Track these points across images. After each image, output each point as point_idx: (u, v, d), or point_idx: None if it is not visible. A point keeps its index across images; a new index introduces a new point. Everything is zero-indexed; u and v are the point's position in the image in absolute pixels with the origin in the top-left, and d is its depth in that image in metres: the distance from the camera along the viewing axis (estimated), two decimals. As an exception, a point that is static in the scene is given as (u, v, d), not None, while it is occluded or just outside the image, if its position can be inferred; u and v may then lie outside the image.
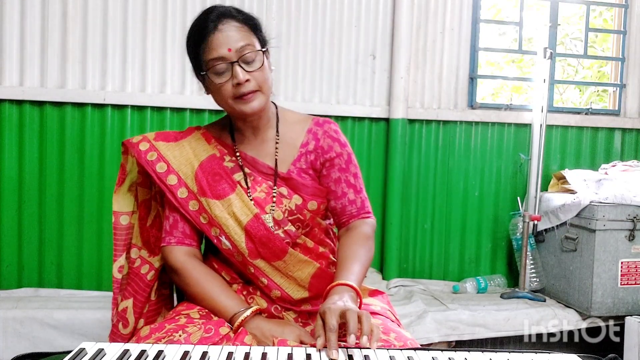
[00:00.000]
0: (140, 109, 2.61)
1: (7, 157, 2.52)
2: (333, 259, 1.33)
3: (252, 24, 1.24)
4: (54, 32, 2.53)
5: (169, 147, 1.31)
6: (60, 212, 2.57)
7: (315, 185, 1.31)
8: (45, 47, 2.53)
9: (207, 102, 2.62)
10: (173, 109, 2.64)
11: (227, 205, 1.25)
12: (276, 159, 1.30)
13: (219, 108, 1.28)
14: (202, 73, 1.22)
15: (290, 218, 1.27)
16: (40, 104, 2.53)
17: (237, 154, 1.31)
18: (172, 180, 1.27)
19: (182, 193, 1.27)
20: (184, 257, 1.26)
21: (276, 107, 1.36)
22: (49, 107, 2.53)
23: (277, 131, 1.32)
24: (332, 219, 1.38)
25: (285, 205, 1.27)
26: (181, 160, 1.29)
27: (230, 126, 1.34)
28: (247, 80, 1.18)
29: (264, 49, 1.23)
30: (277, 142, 1.32)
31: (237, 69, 1.18)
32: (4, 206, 2.53)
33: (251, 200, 1.26)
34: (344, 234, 1.32)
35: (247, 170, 1.29)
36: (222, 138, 1.34)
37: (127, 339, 1.30)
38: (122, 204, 1.37)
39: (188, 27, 1.25)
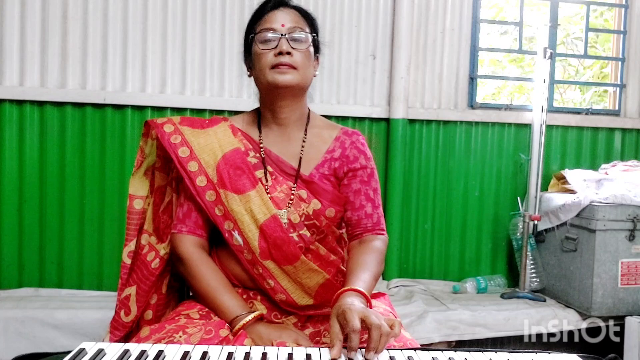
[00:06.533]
0: (140, 109, 2.61)
1: (8, 156, 2.52)
2: (342, 267, 1.32)
3: (308, 18, 1.31)
4: (54, 32, 2.53)
5: (194, 133, 1.30)
6: (61, 212, 2.58)
7: (335, 192, 1.30)
8: (45, 47, 2.53)
9: (207, 102, 2.65)
10: (173, 109, 2.63)
11: (245, 201, 1.24)
12: (300, 160, 1.30)
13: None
14: (250, 39, 1.28)
15: (306, 223, 1.26)
16: (40, 103, 2.53)
17: (262, 149, 1.30)
18: (192, 166, 1.26)
19: (201, 181, 1.26)
20: (192, 247, 1.26)
21: (309, 111, 1.36)
22: (49, 107, 2.54)
23: (305, 133, 1.33)
24: (345, 229, 1.38)
25: (303, 209, 1.26)
26: (205, 148, 1.28)
27: (259, 122, 1.34)
28: (289, 53, 1.23)
29: (313, 35, 1.29)
30: (303, 144, 1.32)
31: (283, 40, 1.24)
32: (4, 206, 2.53)
33: (269, 199, 1.25)
34: (355, 245, 1.31)
35: (269, 168, 1.29)
36: (248, 132, 1.33)
37: (128, 327, 1.29)
38: (137, 188, 1.36)
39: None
